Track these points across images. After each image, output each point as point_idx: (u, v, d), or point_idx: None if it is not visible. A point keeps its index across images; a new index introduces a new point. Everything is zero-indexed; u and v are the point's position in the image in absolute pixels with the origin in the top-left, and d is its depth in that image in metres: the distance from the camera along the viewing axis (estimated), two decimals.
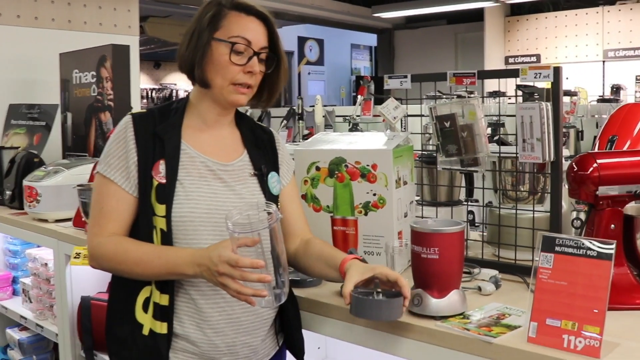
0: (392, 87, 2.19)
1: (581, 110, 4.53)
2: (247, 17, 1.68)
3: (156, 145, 1.66)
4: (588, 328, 1.37)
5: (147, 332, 1.62)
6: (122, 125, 1.69)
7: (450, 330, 1.52)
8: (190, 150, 1.69)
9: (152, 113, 1.72)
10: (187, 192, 1.63)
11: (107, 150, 1.69)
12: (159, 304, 1.62)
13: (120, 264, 1.63)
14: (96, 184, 1.71)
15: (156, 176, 1.63)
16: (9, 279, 3.43)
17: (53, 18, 4.27)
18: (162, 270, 1.58)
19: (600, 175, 1.68)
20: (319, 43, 13.59)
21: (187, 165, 1.67)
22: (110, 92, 3.44)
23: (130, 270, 1.62)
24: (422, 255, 1.60)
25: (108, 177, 1.66)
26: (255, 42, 1.66)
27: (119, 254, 1.63)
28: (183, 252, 1.57)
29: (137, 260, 1.60)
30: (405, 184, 2.08)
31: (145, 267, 1.59)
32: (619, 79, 7.07)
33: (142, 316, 1.63)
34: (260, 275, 1.46)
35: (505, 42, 9.70)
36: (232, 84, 1.67)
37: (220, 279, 1.47)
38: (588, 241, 1.43)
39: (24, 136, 3.84)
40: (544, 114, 1.86)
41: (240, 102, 1.71)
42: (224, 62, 1.65)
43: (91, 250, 1.68)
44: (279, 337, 1.83)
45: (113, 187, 1.66)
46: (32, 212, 2.99)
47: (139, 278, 1.63)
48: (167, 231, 1.61)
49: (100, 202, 1.68)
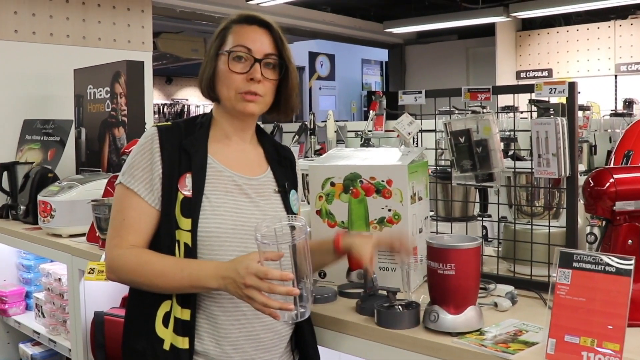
0: (406, 103, 2.19)
1: (594, 124, 4.52)
2: (249, 27, 1.70)
3: (182, 158, 1.66)
4: (607, 345, 1.35)
5: (169, 347, 1.61)
6: (148, 137, 1.69)
7: (467, 347, 1.51)
8: (217, 165, 1.69)
9: (177, 126, 1.72)
10: (213, 207, 1.63)
11: (131, 162, 1.68)
12: (180, 318, 1.61)
13: (140, 276, 1.62)
14: (118, 195, 1.70)
15: (182, 189, 1.63)
16: (23, 293, 3.45)
17: (68, 34, 4.31)
18: (184, 283, 1.57)
19: (617, 191, 1.67)
20: (330, 58, 13.62)
21: (214, 180, 1.67)
22: (124, 107, 3.46)
23: (150, 283, 1.61)
24: (439, 271, 1.59)
25: (131, 188, 1.65)
26: (257, 50, 1.67)
27: (140, 266, 1.61)
28: (207, 265, 1.57)
29: (158, 272, 1.59)
30: (420, 200, 2.07)
31: (166, 279, 1.58)
32: (632, 93, 7.05)
33: (162, 331, 1.62)
34: (288, 288, 1.46)
35: (516, 56, 9.69)
36: (239, 93, 1.67)
37: (246, 291, 1.46)
38: (607, 257, 1.42)
39: (38, 151, 3.87)
40: (559, 129, 1.86)
41: (250, 110, 1.69)
42: (225, 71, 1.67)
43: (110, 262, 1.66)
44: (294, 354, 1.82)
45: (136, 199, 1.65)
46: (46, 227, 3.01)
47: (159, 291, 1.62)
48: (192, 246, 1.60)
49: (122, 213, 1.67)
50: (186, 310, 1.61)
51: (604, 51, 8.88)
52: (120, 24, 4.60)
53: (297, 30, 9.37)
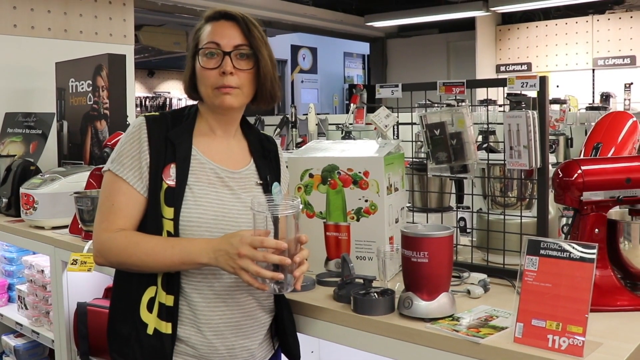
0: (383, 96, 2.23)
1: (571, 118, 4.57)
2: (217, 23, 1.74)
3: (167, 149, 1.70)
4: (572, 328, 1.42)
5: (152, 332, 1.65)
6: (136, 127, 1.72)
7: (440, 332, 1.57)
8: (200, 157, 1.73)
9: (164, 117, 1.76)
10: (195, 197, 1.67)
11: (120, 150, 1.71)
12: (164, 304, 1.65)
13: (131, 256, 1.64)
14: (106, 182, 1.72)
15: (166, 179, 1.67)
16: (5, 286, 3.46)
17: (49, 27, 4.32)
18: (174, 259, 1.60)
19: (585, 181, 1.73)
20: (312, 51, 13.63)
21: (197, 171, 1.71)
22: (106, 100, 3.48)
23: (141, 263, 1.63)
24: (412, 259, 1.64)
25: (120, 175, 1.68)
26: (225, 44, 1.70)
27: (130, 247, 1.64)
28: (197, 241, 1.61)
29: (148, 251, 1.62)
30: (397, 191, 2.13)
31: (157, 257, 1.61)
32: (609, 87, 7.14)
33: (146, 315, 1.66)
34: (281, 257, 1.52)
35: (496, 50, 9.77)
36: (215, 88, 1.71)
37: (239, 261, 1.51)
38: (571, 245, 1.48)
39: (20, 144, 3.88)
40: (530, 122, 1.91)
41: (227, 103, 1.71)
42: (200, 69, 1.72)
43: (99, 245, 1.68)
44: (274, 341, 1.87)
45: (124, 186, 1.68)
46: (29, 220, 3.02)
47: (149, 271, 1.65)
48: (175, 234, 1.64)
49: (111, 199, 1.69)
50: (170, 296, 1.65)
51: (582, 45, 8.99)
52: (102, 17, 4.61)
53: (278, 24, 9.38)
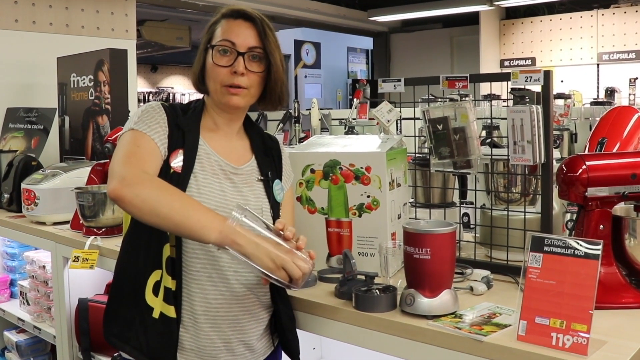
0: (386, 91, 2.22)
1: (575, 113, 4.54)
2: (235, 21, 1.74)
3: (177, 134, 1.70)
4: (576, 326, 1.40)
5: (158, 316, 1.65)
6: (154, 105, 1.72)
7: (442, 329, 1.55)
8: (207, 147, 1.74)
9: (174, 106, 1.78)
10: (199, 185, 1.67)
11: (141, 115, 1.69)
12: (171, 289, 1.64)
13: (166, 191, 1.55)
14: (129, 136, 1.66)
15: (172, 164, 1.67)
16: (7, 281, 3.45)
17: (51, 22, 4.30)
18: (192, 219, 1.50)
19: (589, 177, 1.71)
20: (315, 46, 13.60)
21: (203, 160, 1.71)
22: (108, 95, 3.47)
23: (170, 204, 1.51)
24: (415, 256, 1.63)
25: (145, 132, 1.65)
26: (240, 43, 1.70)
27: (165, 184, 1.58)
28: (218, 216, 1.53)
29: (182, 196, 1.57)
30: (399, 186, 2.11)
31: (184, 205, 1.53)
32: (613, 82, 7.09)
33: (152, 299, 1.66)
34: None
35: (500, 45, 9.72)
36: (223, 86, 1.71)
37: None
38: (576, 241, 1.46)
39: (22, 140, 3.86)
40: (534, 117, 1.89)
41: (234, 103, 1.73)
42: (211, 65, 1.72)
43: (132, 176, 1.55)
44: (274, 338, 1.87)
45: (148, 139, 1.65)
46: (30, 215, 3.02)
47: (166, 219, 1.51)
48: None
49: (137, 143, 1.63)
50: (174, 281, 1.65)
51: (586, 40, 8.93)
52: (103, 11, 4.59)
53: (282, 19, 9.34)
